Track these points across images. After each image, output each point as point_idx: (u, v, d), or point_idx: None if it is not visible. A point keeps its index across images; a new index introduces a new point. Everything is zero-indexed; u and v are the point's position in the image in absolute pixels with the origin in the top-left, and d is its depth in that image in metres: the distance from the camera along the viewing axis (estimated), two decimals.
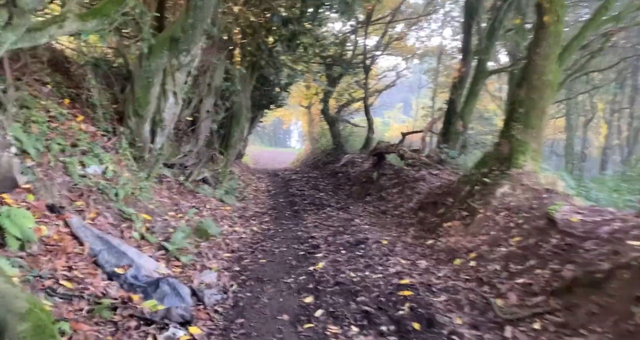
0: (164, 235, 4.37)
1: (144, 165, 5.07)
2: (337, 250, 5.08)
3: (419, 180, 7.77)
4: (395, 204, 7.19)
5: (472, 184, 5.23)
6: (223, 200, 7.31)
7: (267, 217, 7.52)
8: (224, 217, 6.42)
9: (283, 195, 10.45)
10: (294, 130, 56.93)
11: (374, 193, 8.70)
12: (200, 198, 6.69)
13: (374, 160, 10.94)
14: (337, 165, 13.97)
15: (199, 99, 6.59)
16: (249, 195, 9.45)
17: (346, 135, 17.94)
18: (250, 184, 11.08)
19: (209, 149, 7.45)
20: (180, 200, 5.96)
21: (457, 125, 8.60)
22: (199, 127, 6.70)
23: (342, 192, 10.36)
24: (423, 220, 5.77)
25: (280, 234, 6.18)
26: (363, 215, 7.14)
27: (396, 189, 7.96)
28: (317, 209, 8.19)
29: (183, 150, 6.58)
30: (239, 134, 8.51)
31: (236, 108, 8.34)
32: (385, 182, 8.75)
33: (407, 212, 6.48)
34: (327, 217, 7.30)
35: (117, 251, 3.39)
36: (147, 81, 4.61)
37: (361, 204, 8.38)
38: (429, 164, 8.37)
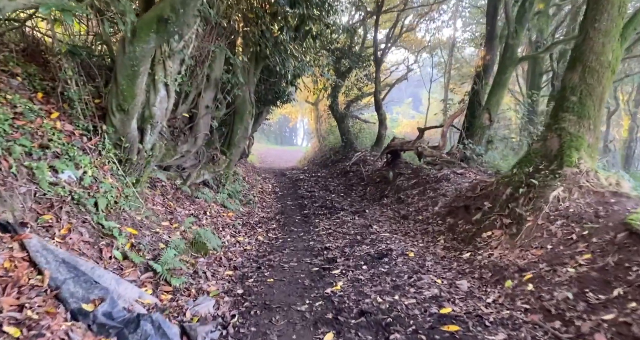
0: (153, 252, 3.67)
1: (132, 169, 4.38)
2: (357, 266, 4.35)
3: (442, 180, 7.00)
4: (417, 208, 6.43)
5: (514, 186, 4.45)
6: (225, 206, 6.61)
7: (275, 223, 6.81)
8: (226, 225, 5.73)
9: (291, 198, 9.74)
10: (300, 128, 56.28)
11: (390, 195, 7.95)
12: (199, 204, 5.99)
13: (388, 158, 10.18)
14: (348, 164, 13.23)
15: (196, 93, 5.88)
16: (254, 198, 8.75)
17: (355, 132, 17.18)
18: (255, 186, 10.38)
19: (209, 149, 6.75)
20: (176, 207, 5.27)
21: (482, 118, 7.79)
22: (198, 124, 6.00)
23: (355, 193, 9.62)
24: (454, 228, 5.01)
25: (290, 244, 5.47)
26: (382, 221, 6.39)
27: (416, 190, 7.20)
28: (330, 213, 7.46)
29: (180, 151, 5.89)
30: (242, 131, 7.79)
31: (239, 103, 7.62)
32: (403, 182, 7.98)
33: (432, 218, 5.71)
34: (341, 222, 6.57)
35: (88, 279, 2.69)
36: (132, 70, 3.91)
37: (377, 207, 7.63)
38: (451, 162, 7.58)
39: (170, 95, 4.56)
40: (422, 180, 7.46)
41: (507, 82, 7.78)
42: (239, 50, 7.29)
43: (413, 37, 20.86)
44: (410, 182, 7.77)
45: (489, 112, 7.68)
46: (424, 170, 7.85)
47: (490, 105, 7.68)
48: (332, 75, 11.53)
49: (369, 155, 13.06)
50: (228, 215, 6.28)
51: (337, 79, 12.71)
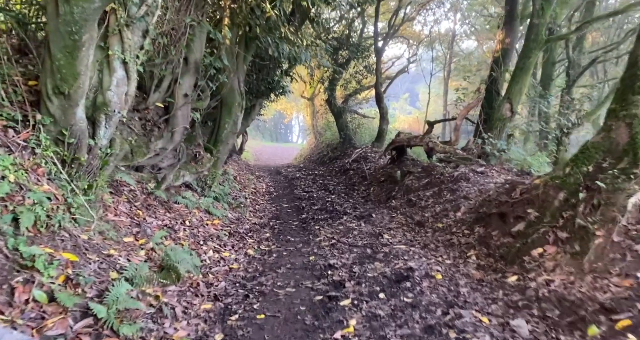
0: (99, 286, 2.69)
1: (81, 172, 3.39)
2: (371, 293, 3.40)
3: (459, 180, 6.07)
4: (434, 213, 5.49)
5: (569, 190, 3.53)
6: (210, 212, 5.63)
7: (268, 231, 5.84)
8: (209, 236, 4.75)
9: (287, 199, 8.78)
10: (295, 125, 55.30)
11: (399, 196, 7.01)
12: (178, 211, 5.01)
13: (393, 155, 9.25)
14: (347, 161, 12.29)
15: (172, 78, 4.88)
16: (246, 200, 7.76)
17: (354, 128, 16.24)
18: (248, 186, 9.39)
19: (190, 146, 5.75)
20: (146, 217, 4.28)
21: (502, 109, 6.86)
22: (175, 116, 5.01)
23: (357, 193, 8.67)
24: (487, 241, 4.07)
25: (286, 259, 4.51)
26: (393, 228, 5.45)
27: (430, 192, 6.26)
28: (331, 217, 6.51)
29: (154, 148, 4.91)
30: (230, 126, 6.80)
31: (226, 93, 6.62)
32: (413, 182, 7.04)
33: (456, 226, 4.78)
34: (345, 230, 5.62)
35: None
36: (70, 39, 2.93)
37: (385, 210, 6.68)
38: (467, 159, 6.66)
39: (131, 76, 3.56)
40: (435, 180, 6.53)
41: (532, 68, 6.85)
42: (225, 31, 6.28)
43: (411, 30, 19.94)
44: (422, 181, 6.83)
45: (511, 102, 6.75)
46: (436, 168, 6.92)
47: (512, 94, 6.75)
48: (332, 65, 10.53)
49: (369, 152, 12.12)
50: (213, 224, 5.30)
51: (337, 67, 11.69)
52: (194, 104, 5.58)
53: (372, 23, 16.46)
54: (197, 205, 5.58)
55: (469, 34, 22.53)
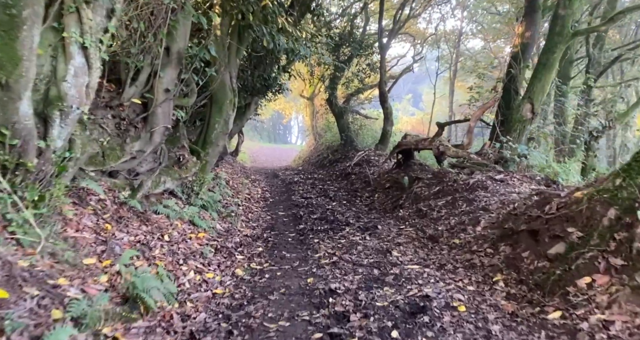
0: (33, 332, 2.06)
1: (28, 180, 2.77)
2: (382, 330, 2.78)
3: (476, 188, 5.45)
4: (449, 226, 4.87)
5: (622, 207, 2.92)
6: (195, 223, 5.00)
7: (261, 245, 5.21)
8: (192, 254, 4.12)
9: (284, 206, 8.15)
10: (294, 125, 54.73)
11: (407, 205, 6.39)
12: (156, 223, 4.38)
13: (398, 158, 8.63)
14: (349, 165, 11.67)
15: (151, 71, 4.26)
16: (238, 208, 7.14)
17: (356, 129, 15.62)
18: (241, 192, 8.76)
19: (174, 148, 5.12)
20: (116, 231, 3.65)
21: (522, 110, 6.25)
22: (154, 114, 4.39)
23: (360, 201, 8.05)
24: (516, 263, 3.45)
25: (280, 281, 3.88)
26: (402, 243, 4.82)
27: (442, 201, 5.64)
28: (332, 229, 5.89)
29: (129, 150, 4.29)
30: (221, 125, 6.19)
31: (216, 89, 6.01)
32: (423, 189, 6.42)
33: (476, 243, 4.15)
34: (348, 244, 5.00)
35: None
36: (5, 14, 2.32)
37: (392, 221, 6.06)
38: (483, 165, 6.05)
39: (92, 65, 2.93)
40: (448, 188, 5.91)
41: (556, 64, 6.23)
42: (214, 18, 5.66)
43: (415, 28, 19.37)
44: (432, 189, 6.21)
45: (532, 101, 6.14)
46: (448, 174, 6.30)
47: (534, 93, 6.14)
48: (333, 60, 9.89)
49: (373, 155, 11.51)
50: (197, 238, 4.67)
51: (340, 64, 11.05)
52: (177, 101, 4.96)
53: (375, 19, 15.89)
54: (180, 216, 4.95)
55: (475, 32, 21.94)
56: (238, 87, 7.58)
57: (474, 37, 24.52)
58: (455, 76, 19.74)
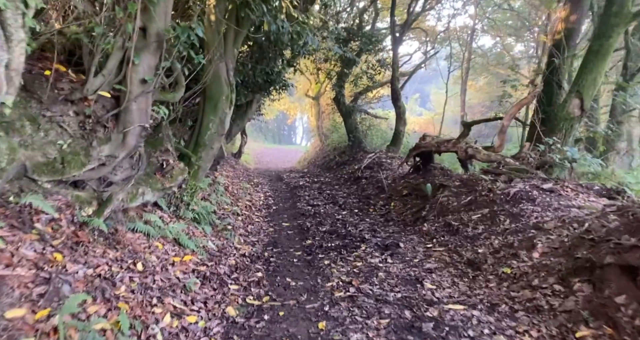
0: None
1: None
2: None
3: (520, 200, 4.52)
4: (491, 248, 3.95)
5: None
6: (181, 243, 4.13)
7: (261, 269, 4.32)
8: (170, 287, 3.23)
9: (288, 215, 7.27)
10: (298, 126, 53.91)
11: (432, 217, 5.47)
12: (130, 246, 3.51)
13: (416, 162, 7.71)
14: (358, 167, 10.76)
15: (122, 56, 3.40)
16: (237, 219, 6.27)
17: (364, 130, 14.71)
18: (241, 198, 7.89)
19: (157, 152, 4.24)
20: (68, 263, 2.78)
21: (569, 106, 5.32)
22: (128, 110, 3.53)
23: (374, 210, 7.14)
24: (606, 311, 2.53)
25: (283, 327, 2.99)
26: (434, 269, 3.91)
27: (477, 215, 4.72)
28: (345, 246, 4.99)
29: (97, 155, 3.43)
30: (216, 125, 5.32)
31: (210, 83, 5.14)
32: (450, 199, 5.50)
33: (537, 275, 3.23)
34: (366, 269, 4.10)
35: None
36: None
37: (415, 237, 5.15)
38: (523, 171, 5.12)
39: (11, 36, 2.06)
40: (482, 199, 4.99)
41: (611, 51, 5.25)
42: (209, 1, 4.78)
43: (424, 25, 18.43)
44: (462, 199, 5.29)
45: (581, 96, 5.21)
46: (480, 181, 5.38)
47: (583, 86, 5.20)
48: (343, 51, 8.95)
49: (384, 158, 10.60)
50: (182, 263, 3.80)
51: (350, 54, 10.10)
52: (160, 96, 4.09)
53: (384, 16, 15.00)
54: (163, 234, 4.08)
55: (487, 29, 20.94)
56: (237, 82, 6.72)
57: (486, 33, 23.55)
58: (467, 74, 18.72)
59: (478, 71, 25.16)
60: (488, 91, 27.87)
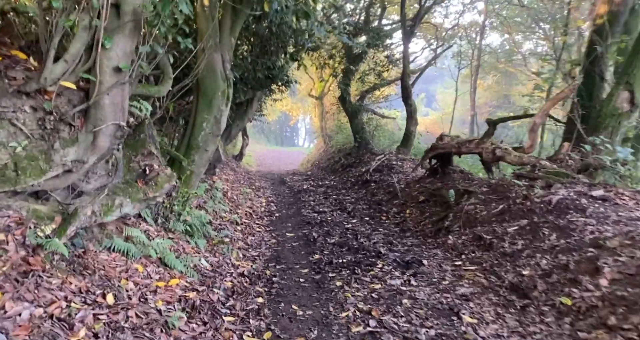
0: None
1: None
2: None
3: (566, 210, 3.84)
4: (538, 270, 3.27)
5: None
6: (167, 263, 3.48)
7: (261, 290, 3.66)
8: (148, 327, 2.58)
9: (293, 224, 6.62)
10: (301, 128, 53.31)
11: (456, 228, 4.79)
12: (102, 271, 2.87)
13: (433, 165, 7.05)
14: (366, 170, 10.10)
15: (90, 38, 2.77)
16: (236, 230, 5.63)
17: (371, 130, 14.04)
18: (241, 205, 7.25)
19: (138, 155, 3.60)
20: (8, 302, 2.14)
21: (616, 100, 4.65)
22: (99, 106, 2.89)
23: (387, 218, 6.48)
24: None
25: None
26: (470, 295, 3.24)
27: (514, 227, 4.04)
28: (358, 262, 4.33)
29: (60, 160, 2.81)
30: (211, 125, 4.68)
31: (204, 76, 4.50)
32: (477, 207, 4.83)
33: (611, 310, 2.55)
34: (386, 293, 3.44)
35: None
36: None
37: (439, 251, 4.48)
38: (563, 175, 4.44)
39: None
40: (517, 208, 4.31)
41: None
42: None
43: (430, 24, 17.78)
44: (492, 208, 4.62)
45: (631, 88, 4.53)
46: (513, 187, 4.70)
47: (634, 76, 4.51)
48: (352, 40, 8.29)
49: (395, 159, 9.93)
50: (167, 289, 3.15)
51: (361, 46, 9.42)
52: (142, 89, 3.45)
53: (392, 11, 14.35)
54: (146, 252, 3.44)
55: (497, 25, 20.24)
56: (236, 77, 6.09)
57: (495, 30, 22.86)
58: (477, 72, 18.02)
59: (486, 70, 24.47)
60: (497, 90, 27.17)
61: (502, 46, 25.36)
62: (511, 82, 27.65)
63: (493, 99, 30.78)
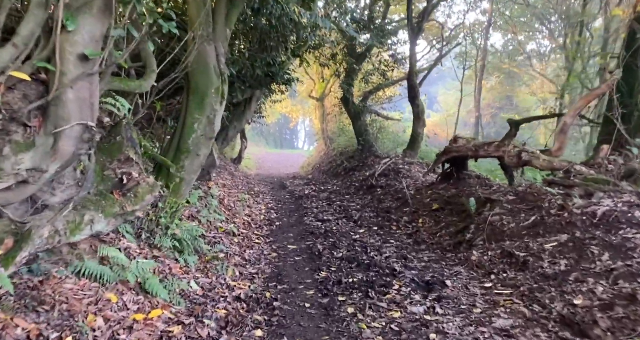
0: None
1: None
2: None
3: (617, 225, 3.30)
4: (596, 300, 2.71)
5: None
6: (149, 290, 2.93)
7: (260, 323, 3.09)
8: None
9: (295, 234, 6.07)
10: (301, 130, 52.85)
11: (479, 242, 4.25)
12: (65, 306, 2.32)
13: (446, 170, 6.51)
14: (371, 173, 9.57)
15: (45, 17, 2.24)
16: (232, 242, 5.07)
17: (374, 132, 13.53)
18: (238, 213, 6.69)
19: (114, 162, 3.05)
20: None
21: None
22: (60, 101, 2.35)
23: (397, 228, 5.93)
24: None
25: None
26: (512, 331, 2.69)
27: (552, 243, 3.50)
28: (371, 283, 3.77)
29: (12, 169, 2.28)
30: (203, 126, 4.15)
31: (195, 71, 3.97)
32: (503, 218, 4.29)
33: None
34: (409, 325, 2.90)
35: None
36: None
37: (462, 269, 3.93)
38: (604, 182, 3.91)
39: None
40: (552, 219, 3.77)
41: None
42: None
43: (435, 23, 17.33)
44: (522, 219, 4.08)
45: None
46: (545, 196, 4.16)
47: None
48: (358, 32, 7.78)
49: (401, 163, 9.40)
50: (147, 323, 2.60)
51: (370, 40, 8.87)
52: (119, 83, 2.91)
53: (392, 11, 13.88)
54: (123, 277, 2.89)
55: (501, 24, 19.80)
56: (232, 74, 5.56)
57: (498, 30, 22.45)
58: (482, 72, 17.54)
59: (490, 70, 24.03)
60: (500, 91, 26.71)
61: (505, 46, 24.97)
62: (514, 83, 27.26)
63: (496, 101, 30.32)
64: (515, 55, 21.98)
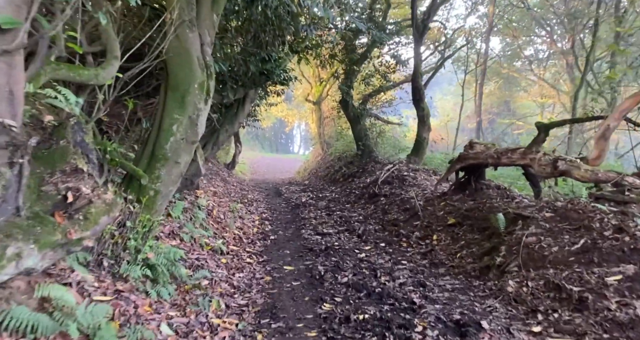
0: None
1: None
2: None
3: None
4: None
5: None
6: None
7: None
8: None
9: (291, 251, 5.35)
10: (296, 134, 52.21)
11: (514, 267, 3.57)
12: None
13: (459, 178, 5.85)
14: (374, 181, 8.89)
15: None
16: (219, 264, 4.34)
17: (374, 137, 12.88)
18: (229, 226, 5.96)
19: (54, 174, 2.34)
20: None
21: None
22: None
23: (408, 244, 5.23)
24: None
25: None
26: None
27: (614, 276, 2.83)
28: (387, 322, 3.06)
29: None
30: (183, 128, 3.44)
31: (173, 62, 3.27)
32: (542, 239, 3.61)
33: None
34: None
35: None
36: None
37: (497, 303, 3.24)
38: None
39: None
40: (609, 245, 3.11)
41: None
42: None
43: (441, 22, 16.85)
44: (567, 242, 3.41)
45: None
46: (594, 214, 3.50)
47: None
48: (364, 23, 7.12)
49: (406, 170, 8.74)
50: None
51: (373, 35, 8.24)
52: (63, 71, 2.20)
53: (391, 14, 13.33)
54: (63, 328, 2.15)
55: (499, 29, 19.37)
56: (224, 71, 4.87)
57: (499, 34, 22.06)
58: (484, 76, 17.03)
59: (488, 75, 23.61)
60: (499, 96, 26.28)
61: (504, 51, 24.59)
62: (512, 89, 26.88)
63: (494, 106, 29.93)
64: (514, 60, 21.56)
